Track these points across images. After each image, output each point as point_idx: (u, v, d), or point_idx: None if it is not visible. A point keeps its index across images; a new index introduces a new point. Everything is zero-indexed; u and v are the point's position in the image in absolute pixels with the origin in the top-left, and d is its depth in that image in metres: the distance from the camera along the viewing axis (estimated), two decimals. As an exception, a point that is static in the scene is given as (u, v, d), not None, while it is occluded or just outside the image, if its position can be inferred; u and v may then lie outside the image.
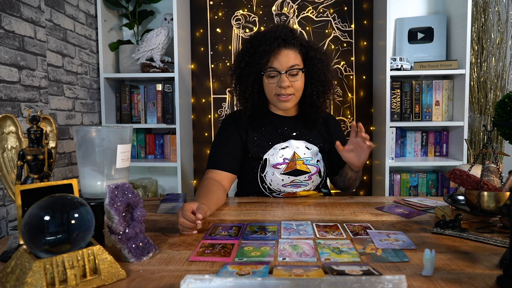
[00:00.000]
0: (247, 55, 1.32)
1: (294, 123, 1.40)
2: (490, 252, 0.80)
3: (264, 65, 1.29)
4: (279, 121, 1.40)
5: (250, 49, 1.32)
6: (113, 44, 2.28)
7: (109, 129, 0.86)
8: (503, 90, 2.15)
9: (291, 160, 1.32)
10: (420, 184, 2.27)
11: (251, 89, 1.32)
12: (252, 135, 1.37)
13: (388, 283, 0.58)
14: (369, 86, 2.40)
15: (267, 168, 1.33)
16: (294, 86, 1.30)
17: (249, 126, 1.38)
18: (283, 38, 1.29)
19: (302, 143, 1.36)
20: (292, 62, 1.28)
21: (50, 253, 0.63)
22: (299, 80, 1.30)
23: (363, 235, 0.91)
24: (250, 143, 1.36)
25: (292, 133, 1.38)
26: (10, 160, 0.87)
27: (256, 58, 1.29)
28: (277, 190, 1.35)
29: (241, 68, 1.33)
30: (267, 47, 1.27)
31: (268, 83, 1.31)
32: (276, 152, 1.33)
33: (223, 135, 1.39)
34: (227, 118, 1.44)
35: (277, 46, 1.27)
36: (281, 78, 1.28)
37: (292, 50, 1.30)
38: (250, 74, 1.31)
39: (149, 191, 2.38)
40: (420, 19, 2.28)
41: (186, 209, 0.93)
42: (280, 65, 1.28)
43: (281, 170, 1.32)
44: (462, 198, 1.04)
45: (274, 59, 1.28)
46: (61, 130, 1.87)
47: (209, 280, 0.58)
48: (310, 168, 1.33)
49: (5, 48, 1.48)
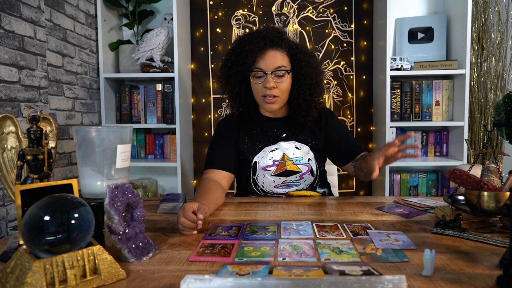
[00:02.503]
0: (234, 54, 1.32)
1: (284, 124, 1.39)
2: (490, 252, 0.79)
3: (251, 64, 1.28)
4: (268, 124, 1.39)
5: (238, 48, 1.32)
6: (113, 44, 2.28)
7: (109, 129, 0.86)
8: (503, 90, 2.15)
9: (280, 162, 1.32)
10: (420, 184, 2.27)
11: (238, 88, 1.32)
12: (243, 138, 1.37)
13: (388, 283, 0.58)
14: (369, 86, 2.40)
15: (257, 170, 1.34)
16: (280, 87, 1.28)
17: (240, 129, 1.39)
18: (270, 38, 1.28)
19: (291, 143, 1.35)
20: (279, 63, 1.27)
21: (50, 253, 0.63)
22: (285, 82, 1.29)
23: (363, 235, 0.91)
24: (241, 146, 1.36)
25: (281, 135, 1.38)
26: (10, 160, 0.87)
27: (242, 57, 1.29)
28: (269, 191, 1.36)
29: (228, 67, 1.33)
30: (254, 47, 1.27)
31: (254, 83, 1.30)
32: (266, 155, 1.33)
33: (219, 136, 1.40)
34: (221, 121, 1.45)
35: (264, 46, 1.27)
36: (267, 79, 1.27)
37: (279, 51, 1.29)
38: (237, 73, 1.31)
39: (149, 191, 2.38)
40: (420, 19, 2.28)
41: (187, 209, 0.93)
42: (266, 66, 1.27)
43: (271, 172, 1.33)
44: (462, 198, 1.04)
45: (260, 59, 1.27)
46: (61, 130, 1.87)
47: (209, 280, 0.58)
48: (300, 168, 1.33)
49: (5, 48, 1.48)
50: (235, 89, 1.33)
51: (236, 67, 1.30)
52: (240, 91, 1.33)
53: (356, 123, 2.43)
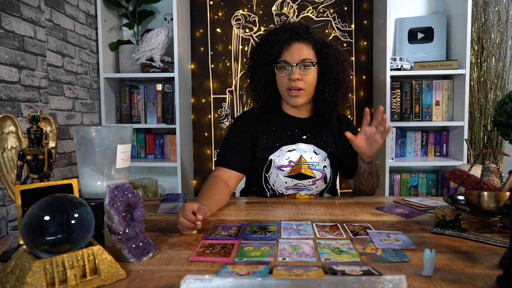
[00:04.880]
0: (259, 47, 1.32)
1: (306, 125, 1.38)
2: (490, 252, 0.79)
3: (276, 56, 1.28)
4: (290, 122, 1.37)
5: (264, 40, 1.32)
6: (113, 44, 2.28)
7: (109, 129, 0.86)
8: (503, 90, 2.15)
9: (296, 163, 1.30)
10: (420, 184, 2.27)
11: (263, 82, 1.32)
12: (262, 135, 1.35)
13: (388, 283, 0.58)
14: (369, 86, 2.40)
15: (271, 169, 1.32)
16: (305, 80, 1.27)
17: (260, 125, 1.36)
18: (296, 31, 1.28)
19: (310, 147, 1.33)
20: (304, 56, 1.27)
21: (50, 253, 0.63)
22: (310, 75, 1.28)
23: (363, 235, 0.91)
24: (259, 143, 1.34)
25: (302, 136, 1.36)
26: (10, 160, 0.87)
27: (268, 49, 1.29)
28: (279, 191, 1.34)
29: (254, 60, 1.33)
30: (279, 38, 1.27)
31: (279, 75, 1.30)
32: (283, 154, 1.31)
33: (234, 133, 1.38)
34: (239, 116, 1.44)
35: (289, 38, 1.27)
36: (292, 71, 1.26)
37: (305, 44, 1.29)
38: (262, 66, 1.31)
39: (149, 191, 2.38)
40: (420, 19, 2.28)
41: (187, 209, 0.93)
42: (292, 58, 1.27)
43: (285, 173, 1.30)
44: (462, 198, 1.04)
45: (286, 50, 1.27)
46: (61, 130, 1.87)
47: (209, 280, 0.58)
48: (315, 173, 1.31)
49: (5, 48, 1.48)
50: (260, 82, 1.32)
51: (262, 59, 1.30)
52: (265, 85, 1.32)
53: (356, 123, 2.42)
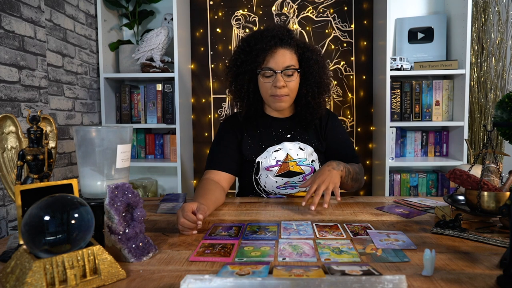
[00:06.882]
0: (243, 53, 1.32)
1: (289, 124, 1.39)
2: (490, 252, 0.79)
3: (260, 63, 1.28)
4: (273, 123, 1.39)
5: (247, 47, 1.32)
6: (113, 44, 2.28)
7: (109, 129, 0.86)
8: (503, 90, 2.15)
9: (283, 162, 1.32)
10: (420, 184, 2.27)
11: (246, 87, 1.32)
12: (246, 138, 1.37)
13: (388, 283, 0.58)
14: (369, 86, 2.40)
15: (260, 171, 1.34)
16: (289, 86, 1.29)
17: (244, 129, 1.38)
18: (280, 37, 1.28)
19: (295, 144, 1.35)
20: (288, 62, 1.28)
21: (50, 253, 0.63)
22: (294, 81, 1.30)
23: (363, 235, 0.91)
24: (245, 146, 1.36)
25: (286, 135, 1.37)
26: (10, 160, 0.87)
27: (252, 56, 1.29)
28: (272, 192, 1.35)
29: (237, 66, 1.33)
30: (264, 46, 1.27)
31: (263, 82, 1.30)
32: (269, 155, 1.33)
33: (221, 137, 1.39)
34: (224, 121, 1.45)
35: (274, 45, 1.27)
36: (276, 78, 1.27)
37: (289, 50, 1.29)
38: (246, 72, 1.31)
39: (149, 191, 2.38)
40: (420, 19, 2.28)
41: (187, 209, 0.93)
42: (276, 65, 1.27)
43: (274, 172, 1.32)
44: (462, 198, 1.04)
45: (270, 58, 1.27)
46: (61, 130, 1.87)
47: (209, 280, 0.58)
48: (304, 169, 1.33)
49: (5, 48, 1.48)
50: (243, 88, 1.33)
51: (245, 66, 1.30)
52: (248, 90, 1.33)
53: (356, 123, 2.43)
